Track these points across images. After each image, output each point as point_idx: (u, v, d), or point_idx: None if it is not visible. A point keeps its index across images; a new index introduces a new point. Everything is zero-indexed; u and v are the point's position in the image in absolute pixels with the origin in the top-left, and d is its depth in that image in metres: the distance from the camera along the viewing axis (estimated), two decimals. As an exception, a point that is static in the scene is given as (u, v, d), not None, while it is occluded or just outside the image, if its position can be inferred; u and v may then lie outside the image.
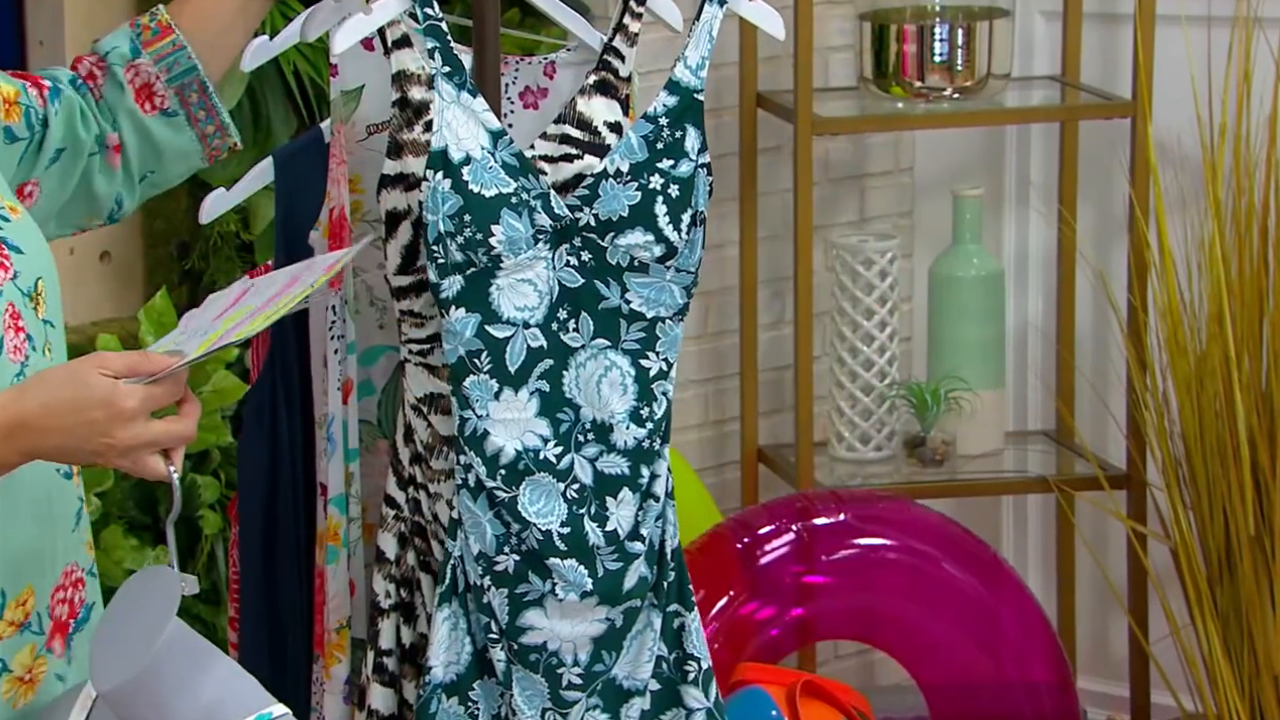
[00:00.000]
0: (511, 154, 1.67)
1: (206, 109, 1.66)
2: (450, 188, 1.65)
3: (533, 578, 1.69)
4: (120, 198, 1.66)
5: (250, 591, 1.84)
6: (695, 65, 1.69)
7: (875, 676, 3.05)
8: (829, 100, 2.84)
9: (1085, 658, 2.98)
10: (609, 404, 1.69)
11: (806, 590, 2.58)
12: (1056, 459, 2.90)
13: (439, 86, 1.66)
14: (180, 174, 1.69)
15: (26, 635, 1.49)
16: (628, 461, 1.70)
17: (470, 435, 1.68)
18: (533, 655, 1.69)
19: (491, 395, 1.67)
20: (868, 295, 2.83)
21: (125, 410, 1.39)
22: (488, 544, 1.69)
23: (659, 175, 1.68)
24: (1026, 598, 2.65)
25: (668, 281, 1.70)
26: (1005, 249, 3.05)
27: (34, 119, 1.60)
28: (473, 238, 1.65)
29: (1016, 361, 3.04)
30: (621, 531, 1.70)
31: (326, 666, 1.77)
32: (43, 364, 1.50)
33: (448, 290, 1.66)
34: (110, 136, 1.64)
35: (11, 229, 1.50)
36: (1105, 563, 2.91)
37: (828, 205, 2.99)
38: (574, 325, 1.69)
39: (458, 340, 1.67)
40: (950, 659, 2.60)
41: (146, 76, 1.64)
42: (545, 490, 1.68)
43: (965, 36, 2.76)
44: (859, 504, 2.63)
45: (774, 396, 2.96)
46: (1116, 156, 2.87)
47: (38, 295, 1.51)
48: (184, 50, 1.65)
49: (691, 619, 1.74)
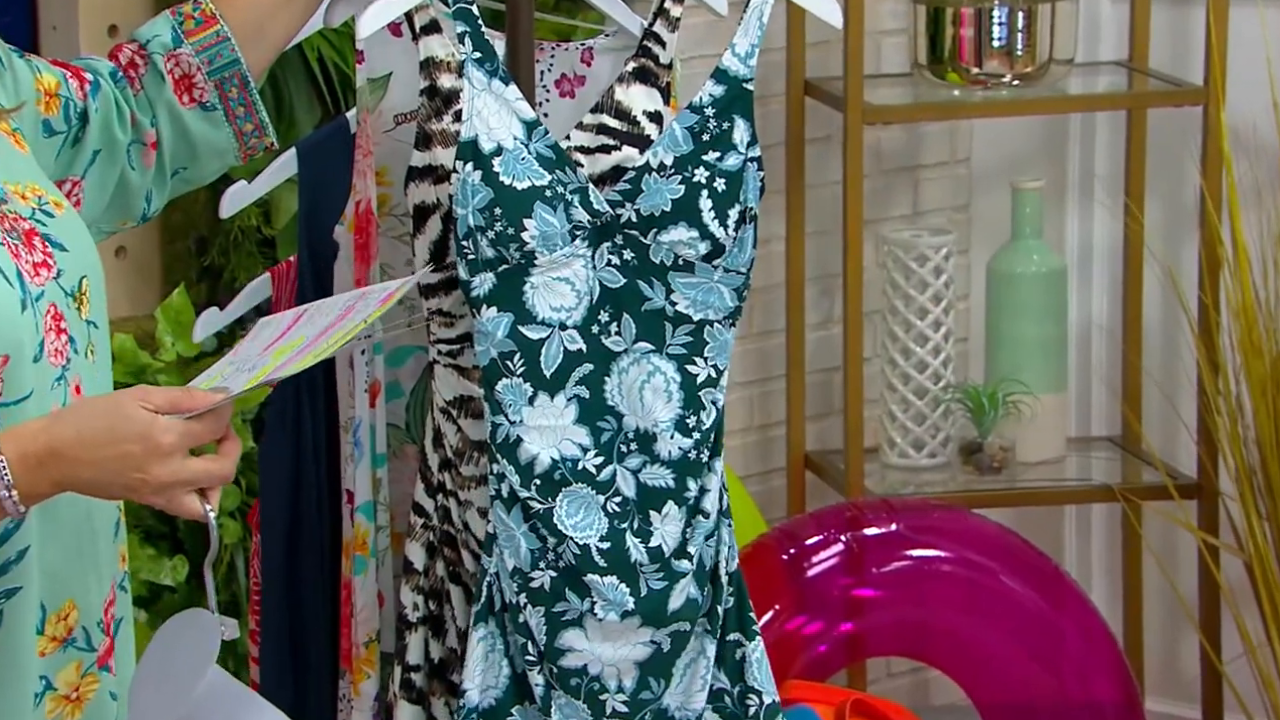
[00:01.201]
0: (547, 145, 1.66)
1: (246, 105, 1.67)
2: (481, 180, 1.64)
3: (570, 595, 1.67)
4: (150, 194, 1.67)
5: (272, 604, 1.84)
6: (745, 54, 1.69)
7: (929, 695, 3.05)
8: (881, 87, 2.83)
9: (1153, 677, 2.96)
10: (652, 412, 1.68)
11: (856, 604, 2.58)
12: (1122, 466, 2.89)
13: (469, 73, 1.65)
14: (213, 172, 1.70)
15: (71, 652, 1.50)
16: (673, 474, 1.69)
17: (503, 442, 1.67)
18: (574, 679, 1.68)
19: (525, 400, 1.67)
20: (921, 293, 2.82)
21: (162, 445, 1.40)
22: (522, 559, 1.68)
23: (704, 168, 1.67)
24: (1090, 613, 2.64)
25: (716, 282, 1.68)
26: (1068, 244, 3.04)
27: (73, 113, 1.61)
28: (504, 232, 1.64)
29: (1080, 363, 3.03)
30: (666, 548, 1.68)
31: (355, 683, 1.78)
32: (85, 367, 1.51)
33: (479, 288, 1.66)
34: (148, 133, 1.65)
35: (55, 225, 1.52)
36: (1175, 576, 2.90)
37: (879, 198, 2.98)
38: (616, 328, 1.68)
39: (489, 341, 1.67)
40: (1009, 677, 2.59)
41: (187, 67, 1.65)
42: (584, 502, 1.68)
43: (1026, 19, 2.75)
44: (912, 513, 2.62)
45: (822, 400, 2.96)
46: (1187, 146, 2.86)
47: (81, 295, 1.51)
48: (227, 42, 1.66)
49: (754, 648, 1.72)
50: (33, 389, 1.46)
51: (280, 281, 1.93)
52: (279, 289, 1.93)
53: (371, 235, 1.78)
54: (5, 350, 1.44)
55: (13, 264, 1.47)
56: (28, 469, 1.40)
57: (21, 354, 1.45)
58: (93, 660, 1.51)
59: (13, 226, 1.49)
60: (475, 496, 1.74)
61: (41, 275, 1.49)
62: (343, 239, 1.81)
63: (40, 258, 1.49)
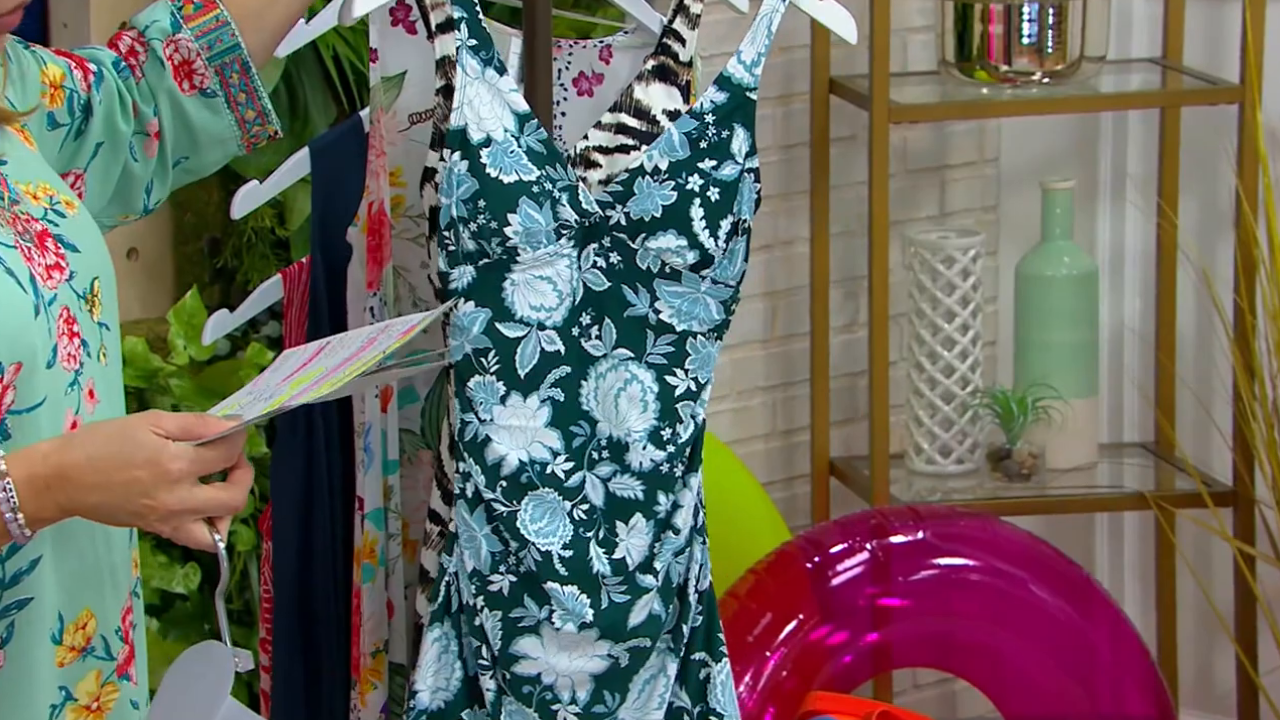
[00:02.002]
0: (539, 139, 1.65)
1: (247, 91, 1.66)
2: (467, 170, 1.63)
3: (529, 602, 1.67)
4: (150, 185, 1.67)
5: (284, 611, 1.85)
6: (750, 62, 1.68)
7: (957, 708, 3.04)
8: (907, 86, 2.83)
9: (1188, 690, 2.95)
10: (626, 420, 1.67)
11: (882, 614, 2.57)
12: (1155, 473, 2.88)
13: (463, 60, 1.64)
14: (215, 161, 1.70)
15: (90, 661, 1.50)
16: (643, 485, 1.68)
17: (470, 441, 1.66)
18: (526, 687, 1.67)
19: (497, 399, 1.66)
20: (949, 296, 2.82)
21: (171, 472, 1.39)
22: (482, 561, 1.67)
23: (698, 176, 1.66)
24: (1122, 624, 2.63)
25: (702, 294, 1.67)
26: (1099, 246, 3.03)
27: (76, 105, 1.61)
28: (487, 225, 1.63)
29: (1111, 368, 3.02)
30: (631, 561, 1.67)
31: (362, 693, 1.78)
32: (97, 370, 1.51)
33: (457, 281, 1.65)
34: (150, 122, 1.65)
35: (67, 225, 1.52)
36: (1209, 586, 2.89)
37: (906, 199, 2.98)
38: (596, 332, 1.67)
39: (464, 336, 1.65)
40: (1039, 690, 2.59)
41: (186, 53, 1.65)
42: (549, 508, 1.66)
43: (1056, 16, 2.75)
44: (939, 521, 2.62)
45: (847, 405, 2.96)
46: (1222, 145, 2.85)
47: (93, 296, 1.51)
48: (227, 26, 1.65)
49: (719, 670, 1.71)
50: (46, 396, 1.46)
51: (292, 283, 1.94)
52: (290, 290, 1.94)
53: (385, 237, 1.78)
54: (18, 358, 1.44)
55: (25, 268, 1.47)
56: (35, 492, 1.40)
57: (35, 361, 1.46)
58: (112, 669, 1.51)
59: (25, 229, 1.49)
60: (488, 504, 1.74)
61: (54, 278, 1.49)
62: (356, 240, 1.82)
63: (53, 260, 1.49)
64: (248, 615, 2.48)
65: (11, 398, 1.45)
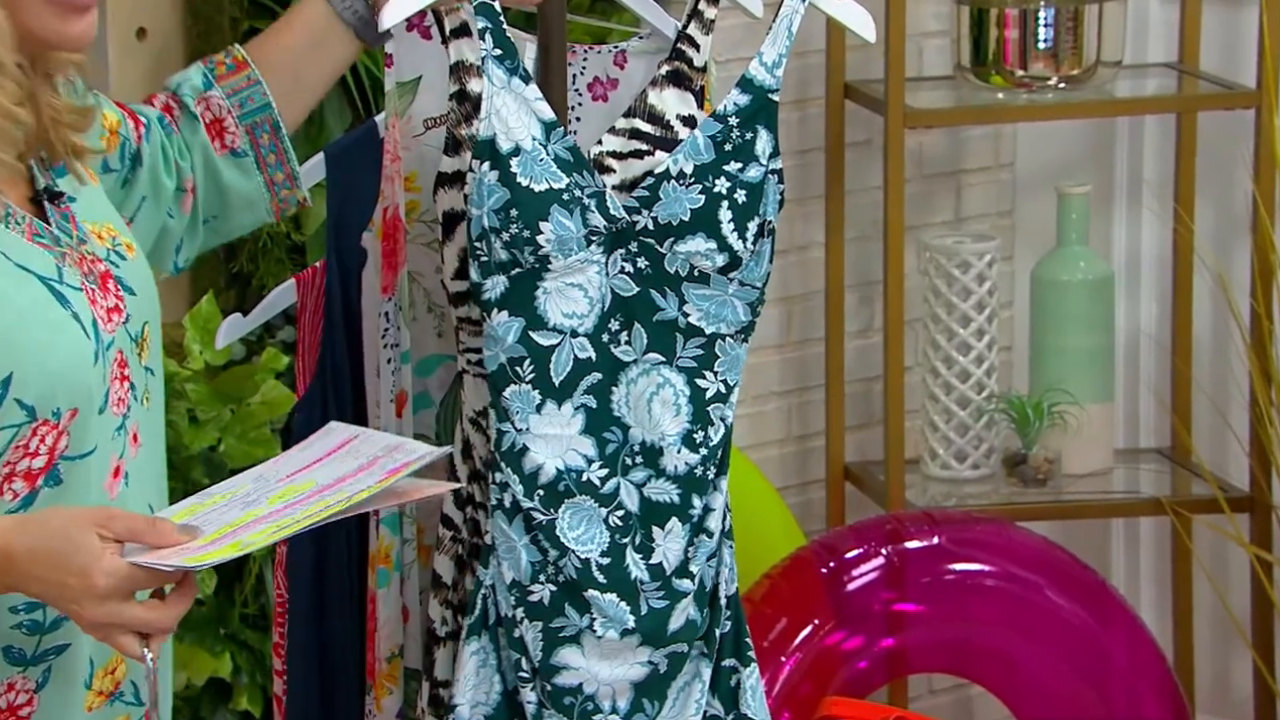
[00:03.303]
0: (565, 147, 1.66)
1: (277, 153, 1.68)
2: (497, 180, 1.64)
3: (570, 611, 1.66)
4: (181, 244, 1.68)
5: (298, 616, 1.85)
6: (771, 63, 1.69)
7: (973, 713, 3.04)
8: (923, 90, 2.83)
9: (1204, 696, 2.95)
10: (660, 425, 1.67)
11: (897, 619, 2.57)
12: (1171, 479, 2.88)
13: (489, 70, 1.65)
14: (244, 225, 1.70)
15: (118, 706, 1.50)
16: (678, 489, 1.68)
17: (508, 450, 1.67)
18: (567, 698, 1.67)
19: (533, 408, 1.66)
20: (964, 301, 2.82)
21: (97, 587, 1.37)
22: (522, 572, 1.67)
23: (725, 179, 1.66)
24: (1139, 630, 2.63)
25: (730, 295, 1.68)
26: (1115, 251, 3.03)
27: (127, 152, 1.63)
28: (519, 235, 1.64)
29: (1127, 373, 3.02)
30: (668, 566, 1.68)
31: (377, 698, 1.79)
32: (141, 414, 1.51)
33: (490, 291, 1.66)
34: (188, 178, 1.67)
35: (127, 268, 1.53)
36: (1226, 592, 2.89)
37: (921, 204, 2.98)
38: (626, 338, 1.67)
39: (499, 346, 1.66)
40: (1054, 696, 2.59)
41: (218, 110, 1.67)
42: (586, 515, 1.67)
43: (1072, 20, 2.74)
44: (954, 526, 2.62)
45: (862, 410, 2.96)
46: (1238, 150, 2.85)
47: (143, 340, 1.52)
48: (258, 85, 1.67)
49: (748, 675, 1.71)
50: (96, 444, 1.47)
51: (306, 288, 1.94)
52: (304, 295, 1.94)
53: (400, 242, 1.78)
54: (76, 404, 1.45)
55: (89, 312, 1.48)
56: None
57: (90, 407, 1.46)
58: (140, 714, 1.51)
59: (90, 269, 1.50)
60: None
61: (113, 321, 1.50)
62: (371, 245, 1.82)
63: (113, 302, 1.50)
64: (262, 620, 2.48)
65: (66, 443, 1.46)
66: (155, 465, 1.55)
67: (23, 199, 1.50)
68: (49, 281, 1.47)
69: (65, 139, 1.51)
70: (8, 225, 1.47)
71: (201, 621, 2.46)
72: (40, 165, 1.52)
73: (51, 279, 1.47)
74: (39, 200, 1.50)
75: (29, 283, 1.46)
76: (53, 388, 1.44)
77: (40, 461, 1.45)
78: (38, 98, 1.49)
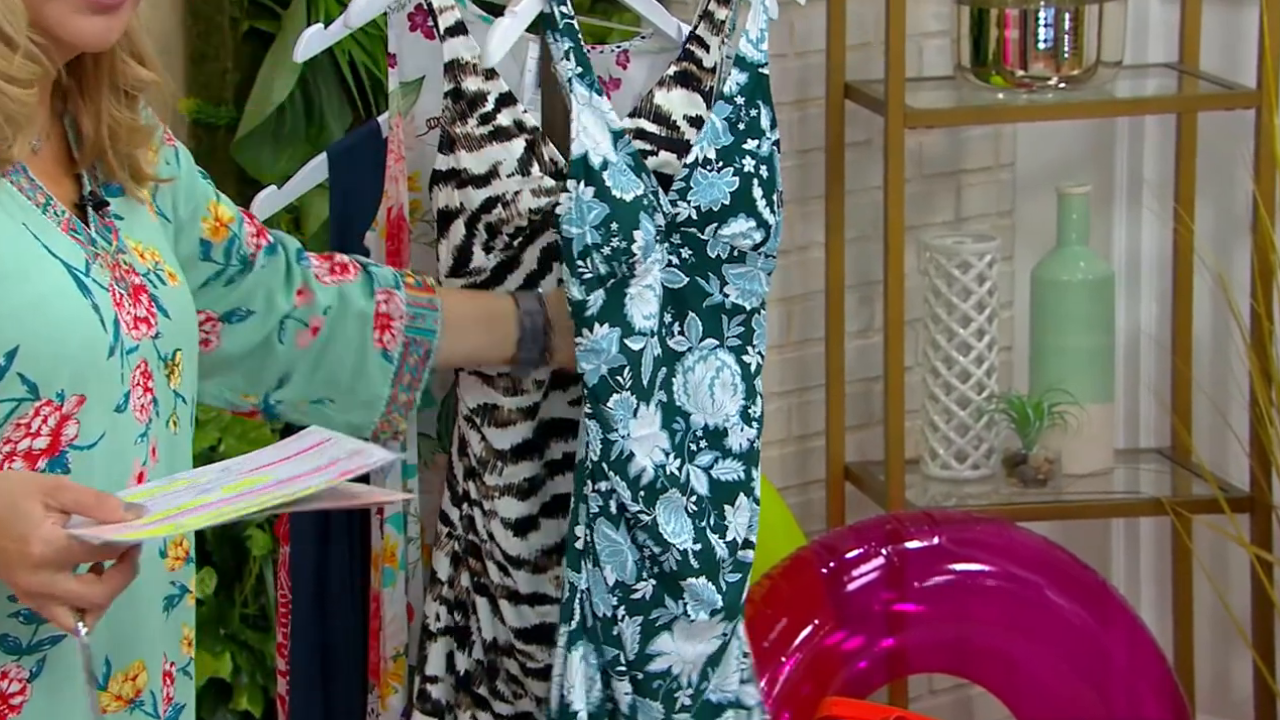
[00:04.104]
0: (629, 153, 1.69)
1: (413, 381, 1.70)
2: (594, 196, 1.66)
3: (668, 601, 1.71)
4: (288, 377, 1.66)
5: (301, 615, 1.85)
6: (756, 38, 1.72)
7: (973, 713, 3.04)
8: (923, 91, 2.84)
9: (1204, 696, 2.95)
10: (723, 407, 1.71)
11: (898, 619, 2.57)
12: (1172, 479, 2.88)
13: (575, 89, 1.68)
14: (345, 423, 1.68)
15: (138, 714, 1.50)
16: (743, 466, 1.73)
17: (616, 459, 1.69)
18: (656, 682, 1.71)
19: (631, 413, 1.69)
20: (964, 301, 2.82)
21: (31, 555, 1.37)
22: (628, 572, 1.70)
23: (749, 158, 1.70)
24: (1139, 630, 2.63)
25: (758, 269, 1.72)
26: (1115, 251, 3.03)
27: (235, 252, 1.64)
28: (620, 247, 1.67)
29: (1127, 373, 3.02)
30: (739, 541, 1.73)
31: (382, 697, 1.79)
32: (164, 434, 1.52)
33: (593, 307, 1.68)
34: (316, 317, 1.67)
35: (165, 292, 1.53)
36: (1226, 592, 2.89)
37: (921, 204, 2.98)
38: (679, 328, 1.71)
39: (601, 359, 1.68)
40: (1054, 696, 2.59)
41: (392, 309, 1.70)
42: (675, 508, 1.70)
43: (1073, 20, 2.75)
44: (954, 526, 2.62)
45: (862, 410, 2.96)
46: (1239, 150, 2.85)
47: (173, 365, 1.53)
48: (435, 313, 1.71)
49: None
50: (104, 432, 1.46)
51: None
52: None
53: (403, 241, 1.79)
54: (82, 390, 1.45)
55: (113, 311, 1.48)
56: None
57: (101, 398, 1.46)
58: None
59: (123, 277, 1.50)
60: (500, 506, 1.75)
61: (140, 330, 1.50)
62: (374, 245, 1.82)
63: (144, 314, 1.51)
64: (262, 620, 2.48)
65: (75, 431, 1.46)
66: None
67: (68, 201, 1.50)
68: (75, 271, 1.47)
69: (124, 155, 1.52)
70: (45, 213, 1.48)
71: (201, 622, 2.46)
72: (93, 178, 1.52)
73: (78, 269, 1.47)
74: (83, 206, 1.51)
75: (54, 266, 1.46)
76: (58, 369, 1.44)
77: (42, 443, 1.45)
78: (99, 107, 1.50)
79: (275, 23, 2.62)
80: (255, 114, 2.56)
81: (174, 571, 1.54)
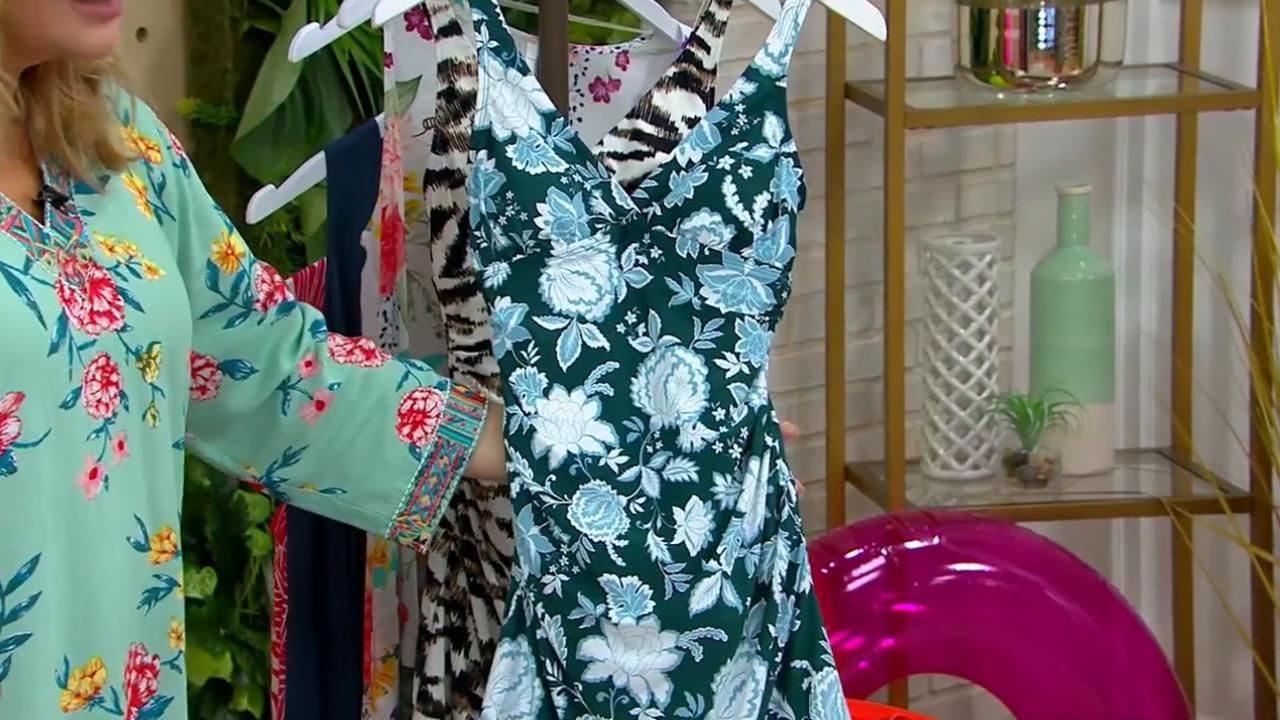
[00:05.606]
0: (567, 139, 1.65)
1: (439, 487, 1.65)
2: (494, 166, 1.62)
3: (583, 600, 1.64)
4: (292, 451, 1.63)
5: (297, 615, 1.85)
6: (778, 53, 1.68)
7: (973, 713, 3.04)
8: (923, 91, 2.83)
9: (1204, 697, 2.95)
10: (676, 404, 1.65)
11: (898, 619, 2.57)
12: (1172, 479, 2.88)
13: (485, 63, 1.64)
14: (356, 514, 1.65)
15: (98, 711, 1.49)
16: (696, 466, 1.65)
17: (516, 433, 1.64)
18: (599, 694, 1.64)
19: (540, 391, 1.64)
20: (964, 301, 2.82)
21: None
22: (534, 563, 1.64)
23: (729, 157, 1.65)
24: (1139, 630, 2.62)
25: (747, 275, 1.66)
26: (1115, 251, 3.03)
27: (241, 290, 1.62)
28: (516, 218, 1.62)
29: (1127, 373, 3.01)
30: (692, 547, 1.64)
31: (372, 698, 1.79)
32: (137, 427, 1.49)
33: (492, 279, 1.64)
34: (322, 390, 1.64)
35: (139, 285, 1.51)
36: (1226, 592, 2.88)
37: (921, 204, 2.98)
38: (643, 329, 1.66)
39: (504, 332, 1.64)
40: (1055, 696, 2.58)
41: (428, 407, 1.65)
42: (603, 501, 1.64)
43: (1073, 21, 2.74)
44: (954, 527, 2.62)
45: (862, 410, 2.96)
46: (1239, 150, 2.85)
47: (148, 357, 1.50)
48: (477, 422, 1.66)
49: (821, 679, 1.66)
50: (50, 429, 1.45)
51: (303, 286, 1.94)
52: (302, 294, 1.94)
53: (399, 242, 1.78)
54: (18, 388, 1.44)
55: (58, 308, 1.46)
56: None
57: (43, 396, 1.45)
58: None
59: (78, 272, 1.48)
60: (495, 506, 1.74)
61: (98, 325, 1.48)
62: (370, 245, 1.82)
63: (104, 307, 1.49)
64: (262, 620, 2.48)
65: (16, 429, 1.44)
66: (155, 481, 1.52)
67: (23, 196, 1.49)
68: (8, 268, 1.46)
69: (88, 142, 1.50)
70: None
71: (201, 621, 2.45)
72: (58, 174, 1.50)
73: (14, 268, 1.46)
74: (41, 202, 1.49)
75: None
76: None
77: None
78: (49, 99, 1.49)
79: (275, 23, 2.61)
80: (255, 114, 2.56)
81: (158, 565, 1.52)
